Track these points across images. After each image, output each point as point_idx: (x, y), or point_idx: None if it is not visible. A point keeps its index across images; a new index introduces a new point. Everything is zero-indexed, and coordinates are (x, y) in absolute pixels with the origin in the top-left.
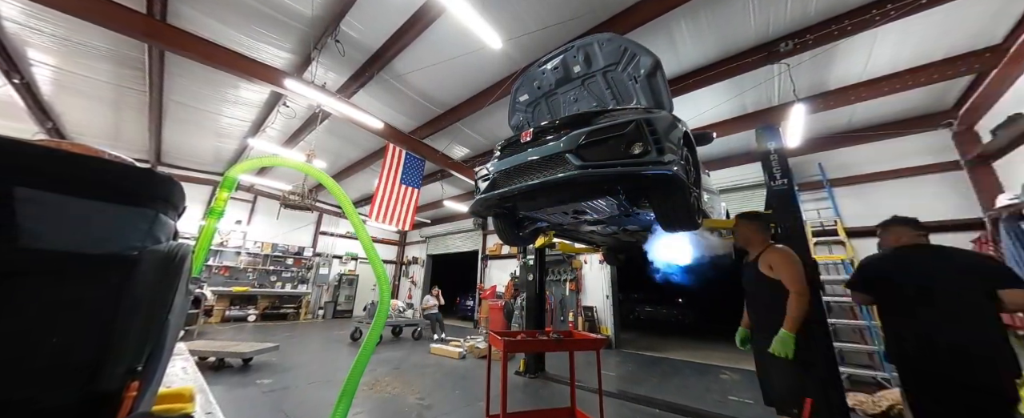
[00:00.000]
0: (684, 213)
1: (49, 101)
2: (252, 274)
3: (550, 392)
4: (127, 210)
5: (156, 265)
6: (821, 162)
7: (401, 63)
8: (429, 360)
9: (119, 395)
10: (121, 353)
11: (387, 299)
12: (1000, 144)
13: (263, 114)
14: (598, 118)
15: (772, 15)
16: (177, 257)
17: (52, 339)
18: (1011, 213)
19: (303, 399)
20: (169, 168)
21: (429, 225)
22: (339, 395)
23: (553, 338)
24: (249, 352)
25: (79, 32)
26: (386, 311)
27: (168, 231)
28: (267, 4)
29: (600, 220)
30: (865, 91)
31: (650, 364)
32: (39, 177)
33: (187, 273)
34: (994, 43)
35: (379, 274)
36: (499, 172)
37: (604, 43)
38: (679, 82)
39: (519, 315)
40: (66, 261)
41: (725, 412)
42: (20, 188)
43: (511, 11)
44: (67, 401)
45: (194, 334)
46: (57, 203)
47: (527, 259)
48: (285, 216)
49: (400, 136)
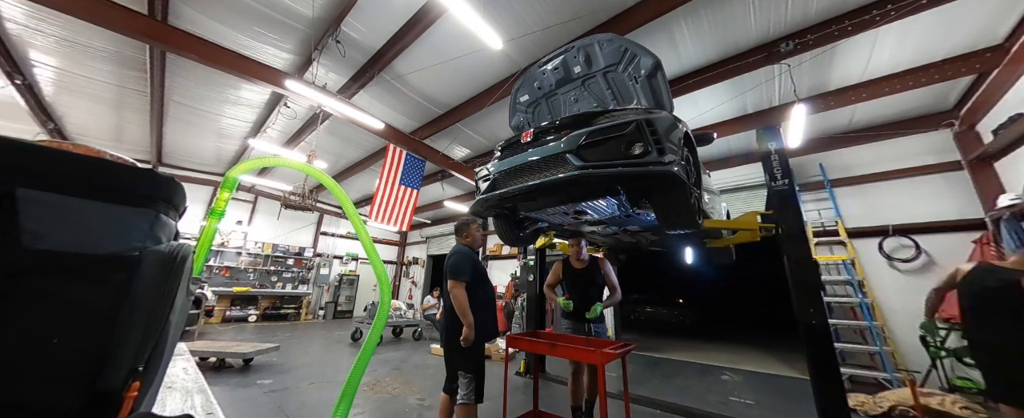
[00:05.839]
0: (684, 213)
1: (51, 102)
2: (253, 274)
3: (551, 392)
4: (128, 211)
5: (157, 265)
6: (822, 162)
7: (402, 64)
8: (430, 360)
9: (120, 395)
10: (122, 353)
11: (388, 300)
12: (1002, 144)
13: (264, 115)
14: (599, 118)
15: (772, 15)
16: (178, 257)
17: (53, 339)
18: (1013, 213)
19: (304, 399)
20: (170, 168)
21: (429, 225)
22: (340, 395)
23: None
24: (250, 352)
25: (81, 33)
26: (387, 312)
27: (169, 231)
28: (268, 5)
29: (601, 220)
30: (866, 91)
31: (651, 365)
32: (41, 178)
33: (188, 273)
34: (995, 43)
35: (380, 274)
36: (500, 172)
37: (605, 43)
38: (679, 82)
39: (519, 316)
40: (67, 261)
41: (727, 413)
42: (22, 189)
43: (512, 12)
44: (68, 402)
45: (195, 334)
46: (59, 204)
47: (527, 259)
48: (286, 216)
49: (401, 137)
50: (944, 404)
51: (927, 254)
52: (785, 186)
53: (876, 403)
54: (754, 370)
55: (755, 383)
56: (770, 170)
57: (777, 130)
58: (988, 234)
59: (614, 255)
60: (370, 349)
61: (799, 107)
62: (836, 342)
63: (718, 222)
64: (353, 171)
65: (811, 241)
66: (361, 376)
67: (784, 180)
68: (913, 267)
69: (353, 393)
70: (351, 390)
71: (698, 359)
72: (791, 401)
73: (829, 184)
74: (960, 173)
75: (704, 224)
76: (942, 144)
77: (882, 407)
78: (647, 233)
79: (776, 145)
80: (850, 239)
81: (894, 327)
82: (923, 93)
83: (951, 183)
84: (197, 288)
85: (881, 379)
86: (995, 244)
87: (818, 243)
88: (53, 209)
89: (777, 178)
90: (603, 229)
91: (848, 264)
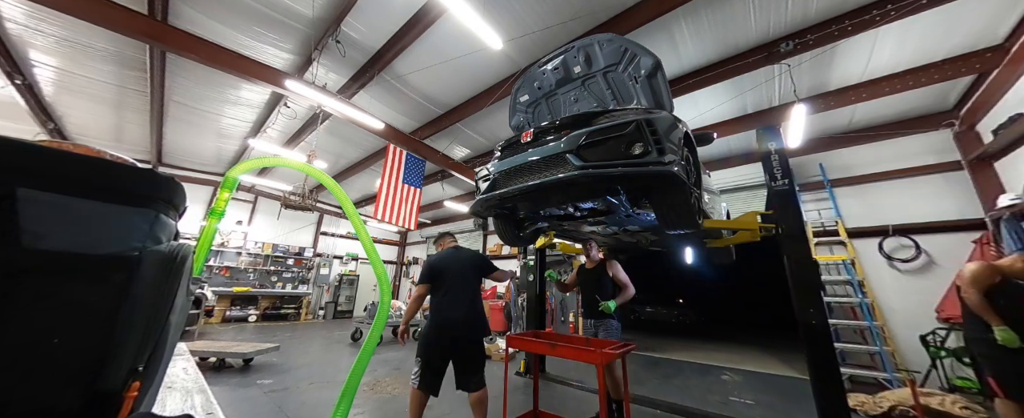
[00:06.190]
0: (684, 213)
1: (51, 102)
2: (253, 274)
3: (551, 393)
4: (128, 211)
5: (157, 265)
6: (822, 162)
7: (402, 64)
8: None
9: (120, 395)
10: (122, 353)
11: (388, 300)
12: (1002, 144)
13: (264, 115)
14: (599, 118)
15: (772, 15)
16: (178, 257)
17: (53, 339)
18: (1013, 213)
19: (304, 399)
20: (170, 168)
21: (430, 225)
22: (340, 395)
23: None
24: (250, 352)
25: (81, 33)
26: (387, 312)
27: (169, 231)
28: (268, 5)
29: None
30: (866, 91)
31: (651, 365)
32: (41, 178)
33: (188, 273)
34: (995, 43)
35: (380, 274)
36: (500, 172)
37: (605, 44)
38: (679, 82)
39: (519, 316)
40: (67, 261)
41: (727, 413)
42: (22, 189)
43: (512, 12)
44: (68, 402)
45: (195, 334)
46: (59, 204)
47: (528, 260)
48: (286, 216)
49: (401, 137)
50: (944, 404)
51: (927, 254)
52: (785, 186)
53: (876, 403)
54: (754, 370)
55: (755, 383)
56: (770, 170)
57: (777, 130)
58: (988, 234)
59: (614, 255)
60: (370, 349)
61: (799, 107)
62: (836, 342)
63: (718, 222)
64: (353, 171)
65: (811, 241)
66: (361, 376)
67: (784, 180)
68: (913, 267)
69: (353, 393)
70: (351, 390)
71: (698, 359)
72: (791, 401)
73: (829, 184)
74: (960, 173)
75: (704, 224)
76: (942, 144)
77: (882, 407)
78: (647, 233)
79: (776, 145)
80: (850, 239)
81: (894, 327)
82: (923, 93)
83: (951, 183)
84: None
85: (881, 379)
86: (995, 244)
87: (818, 243)
88: (53, 209)
89: (777, 178)
90: (603, 229)
91: (848, 264)
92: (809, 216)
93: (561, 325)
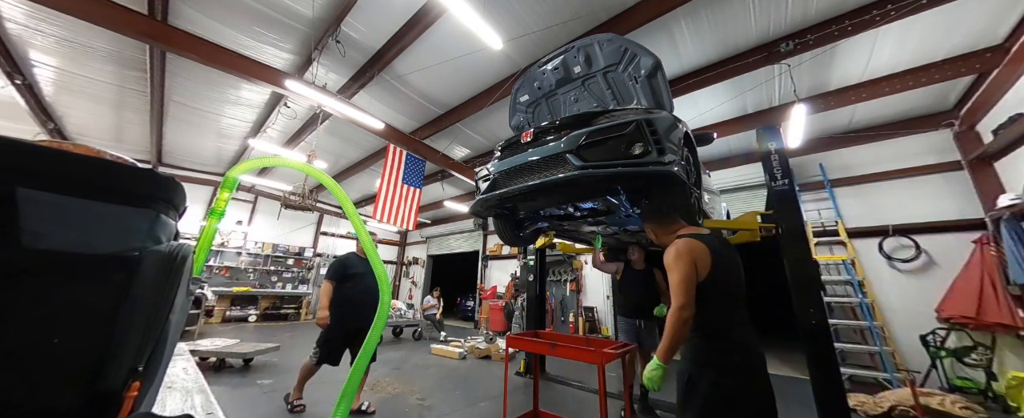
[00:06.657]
0: (685, 213)
1: (51, 102)
2: (253, 274)
3: (551, 393)
4: (128, 211)
5: (157, 265)
6: (822, 162)
7: (402, 64)
8: (430, 360)
9: (120, 395)
10: (122, 353)
11: (388, 300)
12: (1002, 144)
13: (264, 115)
14: (598, 118)
15: (772, 15)
16: (178, 257)
17: (53, 339)
18: (1013, 213)
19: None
20: (170, 169)
21: (430, 225)
22: (340, 395)
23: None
24: (250, 352)
25: (81, 33)
26: (387, 312)
27: (169, 231)
28: (268, 5)
29: (601, 220)
30: (866, 91)
31: None
32: (41, 178)
33: (188, 273)
34: (995, 43)
35: (380, 274)
36: (500, 172)
37: (605, 43)
38: (679, 82)
39: (519, 316)
40: (68, 261)
41: None
42: (22, 189)
43: (512, 12)
44: (68, 401)
45: (195, 334)
46: (59, 204)
47: (528, 260)
48: (286, 216)
49: (401, 137)
50: (944, 404)
51: (927, 254)
52: (785, 186)
53: (876, 403)
54: None
55: None
56: (770, 170)
57: (777, 130)
58: (988, 234)
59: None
60: (370, 349)
61: (799, 107)
62: (836, 342)
63: (718, 222)
64: (353, 171)
65: (811, 241)
66: (361, 376)
67: (784, 180)
68: (913, 267)
69: (353, 393)
70: (351, 390)
71: None
72: (791, 401)
73: (829, 184)
74: (960, 173)
75: (704, 224)
76: (942, 144)
77: (882, 407)
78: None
79: (776, 145)
80: (850, 239)
81: (894, 327)
82: (923, 93)
83: (951, 183)
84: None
85: (881, 379)
86: (995, 244)
87: (818, 243)
88: (53, 209)
89: (777, 178)
90: (603, 229)
91: (848, 264)
92: (809, 216)
93: (561, 325)
